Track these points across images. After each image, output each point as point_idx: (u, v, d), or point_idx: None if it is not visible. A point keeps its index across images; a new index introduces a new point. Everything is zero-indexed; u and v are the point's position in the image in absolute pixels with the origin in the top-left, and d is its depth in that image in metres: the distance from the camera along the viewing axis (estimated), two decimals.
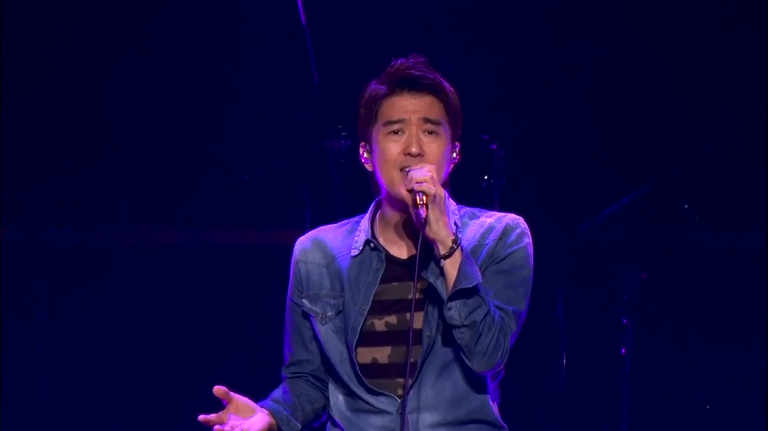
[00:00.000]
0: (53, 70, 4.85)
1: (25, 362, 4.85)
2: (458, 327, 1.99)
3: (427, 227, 1.97)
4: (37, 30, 4.79)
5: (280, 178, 4.77)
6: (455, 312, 1.98)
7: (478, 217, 2.18)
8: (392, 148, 2.09)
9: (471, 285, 1.98)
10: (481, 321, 1.98)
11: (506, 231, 2.12)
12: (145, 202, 5.10)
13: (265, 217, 5.03)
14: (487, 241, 2.12)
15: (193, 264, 5.04)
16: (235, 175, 4.79)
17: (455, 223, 2.08)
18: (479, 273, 2.02)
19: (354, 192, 3.92)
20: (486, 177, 4.64)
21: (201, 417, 1.99)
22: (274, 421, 2.11)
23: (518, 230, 2.13)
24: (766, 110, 4.74)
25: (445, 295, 2.00)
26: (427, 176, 2.00)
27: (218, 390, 2.01)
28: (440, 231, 1.99)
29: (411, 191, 2.00)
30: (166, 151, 5.01)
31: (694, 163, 4.90)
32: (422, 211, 1.97)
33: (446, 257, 1.99)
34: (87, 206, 5.00)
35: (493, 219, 2.16)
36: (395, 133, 2.10)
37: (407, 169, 2.05)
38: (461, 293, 1.98)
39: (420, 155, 2.07)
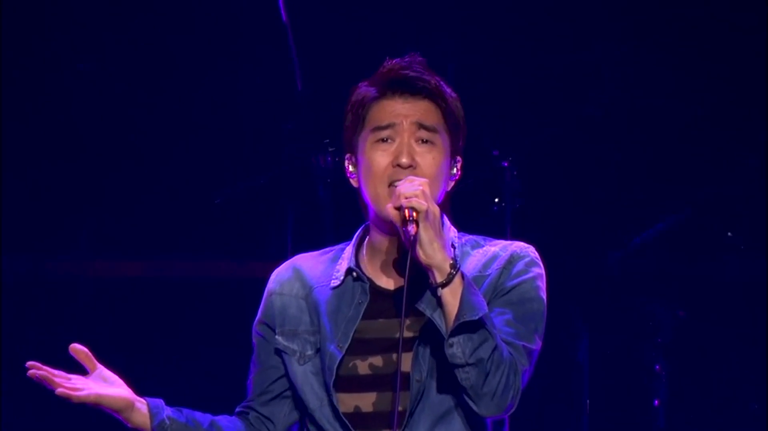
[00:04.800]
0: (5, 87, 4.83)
1: None
2: (462, 366, 1.90)
3: (420, 250, 1.89)
4: None
5: (259, 201, 4.71)
6: (458, 349, 1.89)
7: (482, 246, 2.13)
8: (380, 158, 2.03)
9: (477, 317, 1.88)
10: (488, 359, 1.89)
11: (512, 259, 2.07)
12: (107, 228, 5.04)
13: (241, 247, 4.96)
14: (490, 271, 2.06)
15: (159, 299, 4.97)
16: (207, 198, 4.70)
17: (452, 245, 2.02)
18: (485, 303, 1.94)
19: (345, 217, 3.80)
20: (497, 199, 4.54)
21: (30, 364, 1.95)
22: (146, 413, 2.06)
23: (527, 259, 2.07)
24: None
25: (444, 330, 1.91)
26: (417, 190, 1.90)
27: (75, 348, 1.99)
28: (435, 254, 1.89)
29: (399, 208, 1.90)
30: (130, 171, 4.95)
31: (740, 181, 4.80)
32: (411, 228, 1.88)
33: (444, 285, 1.90)
34: (42, 233, 4.96)
35: (498, 248, 2.11)
36: (384, 140, 2.04)
37: (395, 184, 1.97)
38: (465, 327, 1.89)
39: (411, 167, 2.01)
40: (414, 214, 1.87)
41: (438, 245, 1.90)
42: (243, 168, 4.74)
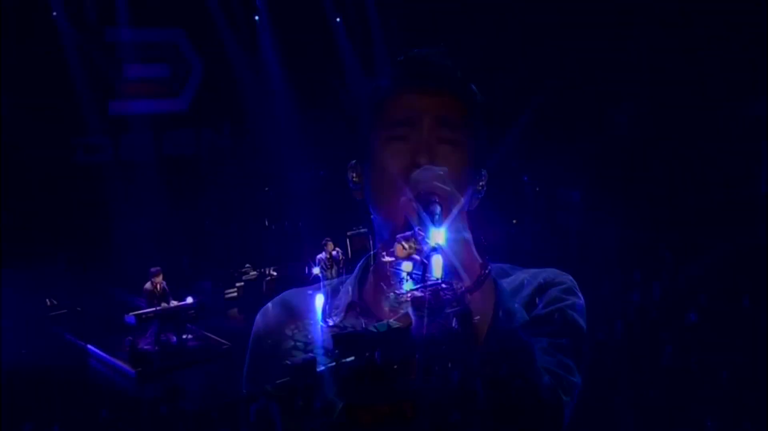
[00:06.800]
0: None
1: None
2: (494, 385, 1.72)
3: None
4: None
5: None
6: (490, 364, 1.71)
7: (510, 275, 1.98)
8: (393, 158, 1.83)
9: (514, 326, 1.74)
10: (525, 377, 1.72)
11: (545, 286, 1.93)
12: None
13: None
14: (519, 298, 1.91)
15: None
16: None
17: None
18: (523, 310, 1.84)
19: None
20: (515, 221, 4.27)
21: None
22: None
23: (563, 286, 1.93)
24: None
25: (473, 343, 1.73)
26: (437, 173, 1.71)
27: None
28: (462, 251, 1.68)
29: (416, 196, 1.68)
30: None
31: None
32: (435, 207, 1.65)
33: (473, 289, 1.69)
34: None
35: (528, 275, 1.97)
36: (399, 139, 1.84)
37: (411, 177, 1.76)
38: (499, 337, 1.71)
39: None
40: (436, 198, 1.65)
41: (465, 240, 1.69)
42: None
